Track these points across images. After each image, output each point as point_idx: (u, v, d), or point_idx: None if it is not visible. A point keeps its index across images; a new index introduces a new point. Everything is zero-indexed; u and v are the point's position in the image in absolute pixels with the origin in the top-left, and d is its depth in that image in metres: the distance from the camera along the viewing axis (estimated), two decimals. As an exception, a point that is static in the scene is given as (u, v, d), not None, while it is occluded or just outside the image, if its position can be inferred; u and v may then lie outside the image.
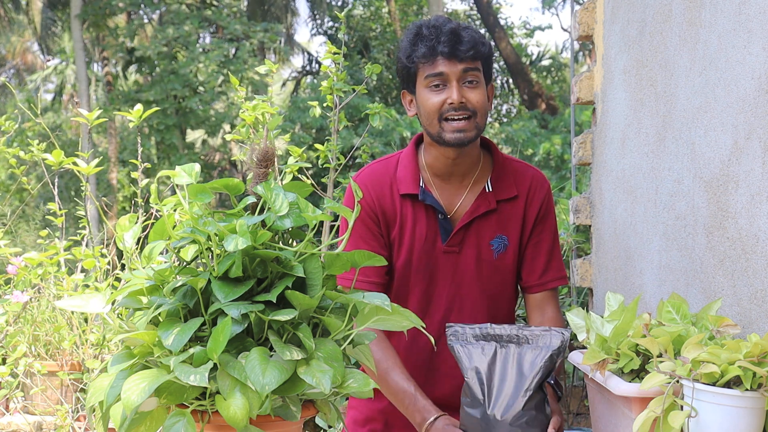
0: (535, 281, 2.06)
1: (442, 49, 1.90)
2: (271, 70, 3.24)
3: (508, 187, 2.04)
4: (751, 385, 1.28)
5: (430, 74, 1.92)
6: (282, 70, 20.19)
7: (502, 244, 2.03)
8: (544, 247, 2.06)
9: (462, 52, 1.90)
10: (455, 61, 1.90)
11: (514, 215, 2.04)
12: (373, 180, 2.05)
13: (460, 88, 1.91)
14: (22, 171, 3.24)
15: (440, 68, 1.91)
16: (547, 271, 2.06)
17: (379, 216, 2.02)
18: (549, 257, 2.06)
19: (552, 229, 2.08)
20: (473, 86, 1.92)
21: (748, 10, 1.65)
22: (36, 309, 3.00)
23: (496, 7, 18.17)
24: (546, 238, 2.06)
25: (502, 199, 2.03)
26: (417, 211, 2.02)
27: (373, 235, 2.02)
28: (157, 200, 1.68)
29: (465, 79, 1.92)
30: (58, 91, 20.68)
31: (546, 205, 2.07)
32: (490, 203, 2.02)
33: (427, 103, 1.93)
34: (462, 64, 1.90)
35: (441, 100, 1.92)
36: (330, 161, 3.29)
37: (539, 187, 2.07)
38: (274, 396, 1.29)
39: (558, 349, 1.65)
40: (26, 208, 10.62)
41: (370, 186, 2.04)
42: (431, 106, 1.93)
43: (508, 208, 2.04)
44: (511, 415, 1.63)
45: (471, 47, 1.91)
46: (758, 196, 1.59)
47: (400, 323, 1.40)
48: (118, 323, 1.37)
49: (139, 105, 2.82)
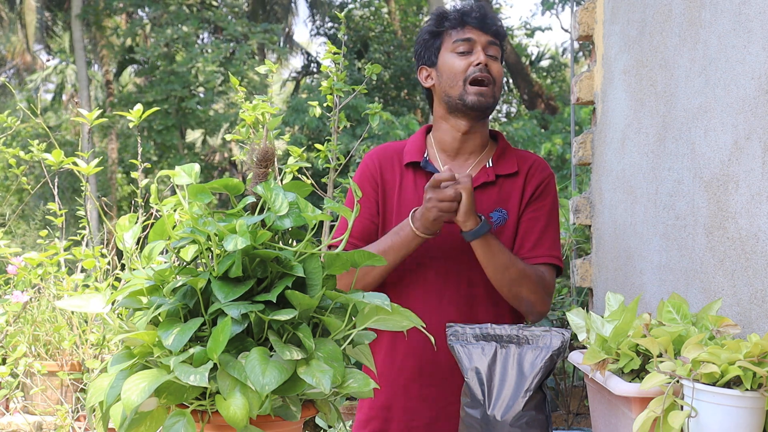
0: (524, 254, 2.05)
1: (471, 18, 2.05)
2: (271, 71, 3.24)
3: (510, 165, 2.11)
4: (752, 385, 1.28)
5: (458, 39, 2.05)
6: (282, 70, 20.19)
7: (502, 217, 2.07)
8: (539, 225, 2.07)
9: (489, 25, 2.05)
10: (483, 31, 2.05)
11: (514, 190, 2.08)
12: (380, 152, 2.17)
13: (485, 55, 2.04)
14: (21, 171, 3.24)
15: (469, 34, 2.04)
16: (538, 246, 2.06)
17: (378, 181, 2.12)
18: (542, 234, 2.07)
19: (549, 210, 2.09)
20: (494, 60, 2.06)
21: (748, 10, 1.65)
22: (36, 309, 3.00)
23: (496, 8, 18.17)
24: (542, 216, 2.07)
25: (502, 174, 2.09)
26: (418, 179, 2.10)
27: (366, 197, 2.11)
28: (157, 200, 1.68)
29: (488, 50, 2.05)
30: (58, 91, 20.68)
31: (545, 185, 2.10)
32: (489, 176, 2.08)
33: (454, 65, 2.05)
34: (488, 36, 2.05)
35: (467, 63, 2.03)
36: (330, 161, 3.29)
37: (541, 168, 2.12)
38: (274, 396, 1.29)
39: (558, 350, 1.65)
40: (26, 208, 10.62)
41: (376, 156, 2.15)
42: (457, 68, 2.04)
43: (509, 183, 2.09)
44: (511, 415, 1.63)
45: (496, 24, 2.07)
46: (758, 196, 1.59)
47: (400, 323, 1.40)
48: (118, 323, 1.37)
49: (138, 105, 2.82)
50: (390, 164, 2.14)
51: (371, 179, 2.12)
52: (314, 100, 3.32)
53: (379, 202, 2.11)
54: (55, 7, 18.69)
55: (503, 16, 20.65)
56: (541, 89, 15.32)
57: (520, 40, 18.32)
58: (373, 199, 2.11)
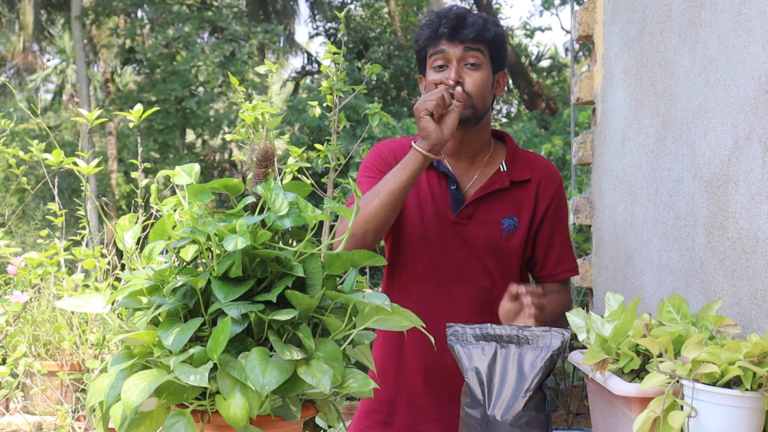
0: (549, 272, 2.11)
1: (442, 30, 1.97)
2: (271, 71, 3.24)
3: (522, 171, 2.09)
4: (752, 385, 1.27)
5: (434, 53, 1.99)
6: (282, 70, 20.18)
7: (513, 225, 2.06)
8: (559, 240, 2.11)
9: (463, 34, 1.96)
10: (456, 42, 1.97)
11: (527, 199, 2.08)
12: (392, 143, 2.15)
13: (460, 70, 1.97)
14: (21, 171, 3.24)
15: (442, 46, 1.98)
16: (561, 262, 2.11)
17: (392, 165, 2.04)
18: (563, 249, 2.12)
19: (566, 223, 2.14)
20: (474, 69, 1.98)
21: (748, 10, 1.65)
22: (36, 309, 3.00)
23: (496, 8, 18.17)
24: (561, 230, 2.11)
25: (516, 180, 2.07)
26: (430, 177, 2.08)
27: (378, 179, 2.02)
28: (157, 200, 1.68)
29: (466, 60, 1.98)
30: (58, 91, 20.68)
31: (558, 197, 2.11)
32: (503, 181, 2.06)
33: (429, 81, 2.01)
34: (463, 45, 1.97)
35: (439, 79, 1.98)
36: (330, 161, 3.29)
37: (552, 178, 2.12)
38: (274, 396, 1.29)
39: (558, 350, 1.65)
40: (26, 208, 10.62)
41: (388, 146, 2.13)
42: (430, 84, 1.99)
43: (521, 191, 2.08)
44: (511, 415, 1.63)
45: (473, 30, 1.96)
46: (758, 196, 1.59)
47: (400, 323, 1.40)
48: (118, 323, 1.37)
49: (138, 105, 2.82)
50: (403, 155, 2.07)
51: (386, 165, 2.08)
52: (314, 100, 3.31)
53: None
54: (53, 8, 18.69)
55: (503, 16, 20.63)
56: (541, 89, 15.32)
57: (520, 40, 18.32)
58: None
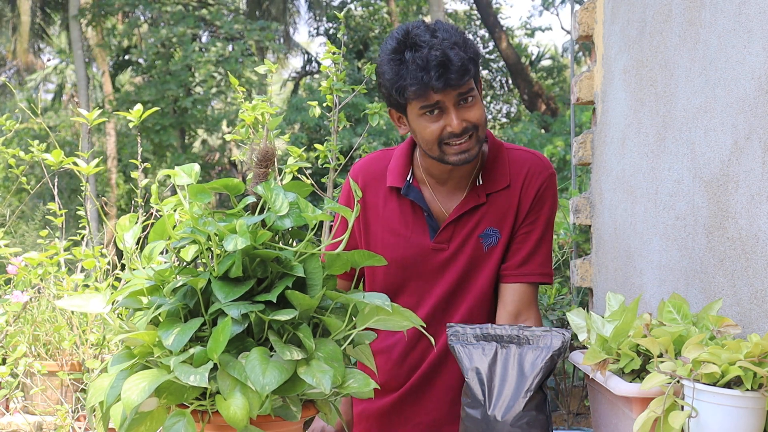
0: (510, 271, 1.96)
1: (434, 84, 1.78)
2: (271, 70, 3.24)
3: (501, 177, 1.97)
4: (752, 385, 1.28)
5: (424, 105, 1.83)
6: (282, 70, 20.18)
7: (494, 237, 1.96)
8: (533, 238, 1.96)
9: (455, 80, 1.79)
10: (449, 90, 1.81)
11: (508, 206, 1.96)
12: (365, 169, 2.05)
13: (458, 111, 1.84)
14: (21, 171, 3.24)
15: (435, 98, 1.81)
16: (528, 262, 1.96)
17: (359, 203, 1.94)
18: (535, 249, 1.96)
19: (545, 220, 1.98)
20: (470, 104, 1.85)
21: (748, 10, 1.65)
22: (36, 309, 3.00)
23: (496, 8, 18.17)
24: (537, 229, 1.96)
25: (493, 191, 1.96)
26: (403, 205, 2.00)
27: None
28: (158, 200, 1.68)
29: (464, 99, 1.84)
30: (57, 91, 20.68)
31: (543, 192, 1.97)
32: (479, 197, 1.96)
33: (425, 131, 1.85)
34: (456, 90, 1.82)
35: (440, 128, 1.84)
36: (330, 161, 3.29)
37: (537, 174, 1.98)
38: (274, 396, 1.29)
39: (559, 350, 1.65)
40: (25, 208, 10.62)
41: (360, 175, 2.04)
42: (430, 135, 1.85)
43: (501, 199, 1.96)
44: (511, 415, 1.63)
45: (463, 72, 1.80)
46: (758, 196, 1.59)
47: (400, 323, 1.40)
48: (118, 323, 1.37)
49: (138, 105, 2.82)
50: (375, 183, 2.02)
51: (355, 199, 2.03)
52: (314, 100, 3.31)
53: (361, 222, 2.02)
54: (51, 8, 18.69)
55: (503, 16, 20.63)
56: (542, 89, 15.31)
57: (520, 40, 18.32)
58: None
